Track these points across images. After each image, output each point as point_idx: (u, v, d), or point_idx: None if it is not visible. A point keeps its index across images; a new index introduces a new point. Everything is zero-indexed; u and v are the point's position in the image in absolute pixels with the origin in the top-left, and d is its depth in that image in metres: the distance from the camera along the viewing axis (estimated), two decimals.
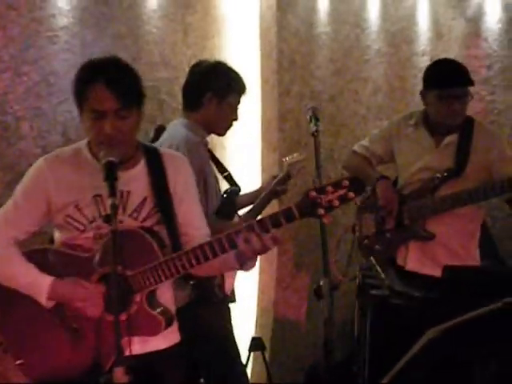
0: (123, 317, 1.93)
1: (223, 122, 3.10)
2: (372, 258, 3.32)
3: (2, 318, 2.08)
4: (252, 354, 3.95)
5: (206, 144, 3.11)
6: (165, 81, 3.81)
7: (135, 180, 2.10)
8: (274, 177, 3.47)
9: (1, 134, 3.22)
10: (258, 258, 2.05)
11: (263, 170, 4.49)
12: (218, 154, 4.40)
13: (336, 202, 1.88)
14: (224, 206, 3.13)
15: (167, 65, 3.81)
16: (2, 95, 3.18)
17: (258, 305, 4.42)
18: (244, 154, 4.44)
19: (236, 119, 3.15)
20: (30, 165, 2.26)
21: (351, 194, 1.89)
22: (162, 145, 2.90)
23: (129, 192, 2.08)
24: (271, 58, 4.33)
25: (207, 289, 2.91)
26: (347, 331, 4.00)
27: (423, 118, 3.34)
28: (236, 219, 3.23)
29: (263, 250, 1.93)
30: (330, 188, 1.89)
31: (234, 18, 4.20)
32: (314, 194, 1.89)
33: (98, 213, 2.03)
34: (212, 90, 3.01)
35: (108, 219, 1.85)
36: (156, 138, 3.13)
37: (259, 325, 4.40)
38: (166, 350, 2.14)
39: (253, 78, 4.40)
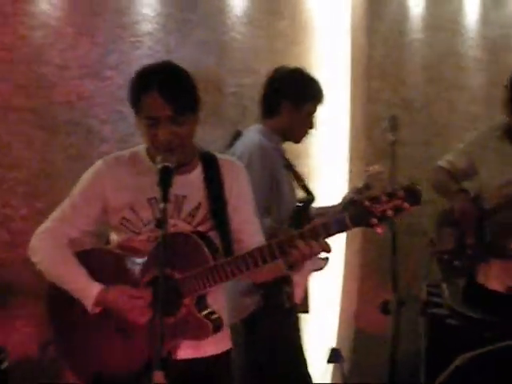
0: (171, 320, 1.91)
1: (299, 130, 3.05)
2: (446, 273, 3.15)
3: (52, 317, 2.12)
4: (331, 365, 3.88)
5: (280, 151, 3.06)
6: (248, 87, 3.80)
7: (191, 185, 2.08)
8: (357, 188, 3.38)
9: (85, 136, 3.33)
10: (342, 266, 1.97)
11: (350, 179, 4.39)
12: (302, 163, 4.40)
13: (390, 213, 1.79)
14: (296, 215, 3.08)
15: (251, 71, 3.79)
16: (86, 99, 3.29)
17: (339, 315, 4.33)
18: (330, 162, 4.37)
19: (312, 128, 3.08)
20: None
21: (406, 205, 1.79)
22: (236, 150, 2.92)
23: (184, 196, 2.06)
24: (361, 65, 4.23)
25: (276, 297, 2.85)
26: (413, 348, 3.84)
27: (508, 129, 3.14)
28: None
29: (312, 256, 1.88)
30: (384, 197, 1.80)
31: (322, 24, 4.14)
32: (367, 203, 1.81)
33: (153, 216, 2.02)
34: (288, 98, 2.96)
35: (159, 224, 1.84)
36: (232, 143, 3.13)
37: (339, 336, 4.30)
38: (217, 356, 2.10)
39: (341, 84, 4.33)
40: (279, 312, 2.89)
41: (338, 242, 4.26)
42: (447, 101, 4.79)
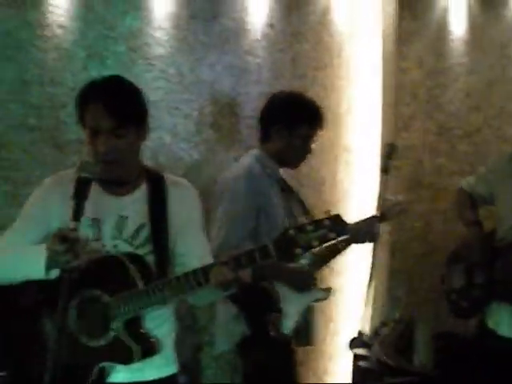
0: (99, 343, 1.89)
1: (293, 154, 2.96)
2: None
3: None
4: None
5: (276, 175, 2.98)
6: None
7: (133, 205, 2.05)
8: (370, 218, 3.24)
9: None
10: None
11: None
12: (330, 189, 4.29)
13: (315, 243, 1.72)
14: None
15: (269, 95, 3.73)
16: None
17: None
18: (360, 190, 4.24)
19: (309, 152, 2.98)
20: None
21: (331, 235, 1.71)
22: (228, 171, 2.96)
23: (126, 217, 2.03)
24: (390, 91, 4.09)
25: (260, 326, 2.80)
26: None
27: None
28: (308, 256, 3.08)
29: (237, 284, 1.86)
30: (309, 227, 1.72)
31: (350, 47, 4.04)
32: (292, 232, 1.73)
33: (93, 235, 2.00)
34: (280, 122, 2.91)
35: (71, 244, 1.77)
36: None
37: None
38: (160, 380, 2.04)
39: (373, 111, 4.21)
40: (265, 341, 2.81)
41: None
42: (495, 128, 4.55)
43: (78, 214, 1.81)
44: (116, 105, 1.96)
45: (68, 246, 1.78)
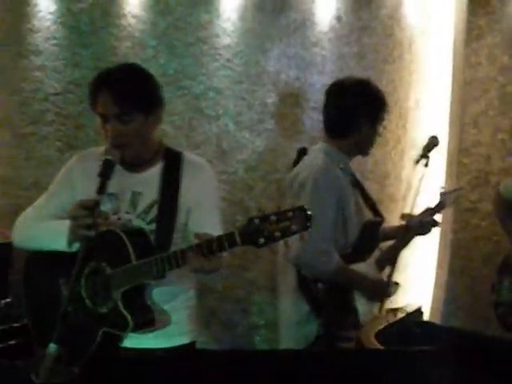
0: (103, 309, 2.01)
1: (371, 143, 2.85)
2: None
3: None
4: None
5: (347, 170, 2.86)
6: None
7: (147, 182, 2.13)
8: (430, 209, 3.21)
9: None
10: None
11: None
12: (395, 184, 4.27)
13: (277, 234, 1.70)
14: (363, 237, 2.94)
15: None
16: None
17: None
18: (426, 186, 4.20)
19: (379, 136, 2.86)
20: None
21: (294, 228, 1.69)
22: (300, 170, 2.80)
23: (140, 193, 2.13)
24: (460, 87, 4.03)
25: (338, 328, 2.70)
26: None
27: None
28: (377, 252, 3.04)
29: (213, 270, 1.90)
30: (273, 217, 1.71)
31: (421, 41, 4.02)
32: (257, 221, 1.73)
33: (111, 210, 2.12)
34: (365, 114, 2.75)
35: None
36: (297, 160, 3.04)
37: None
38: (166, 349, 2.13)
39: (441, 106, 4.16)
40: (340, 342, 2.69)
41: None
42: None
43: (100, 190, 1.95)
44: (120, 92, 2.03)
45: (88, 212, 1.92)
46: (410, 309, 2.62)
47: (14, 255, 2.99)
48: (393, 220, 3.34)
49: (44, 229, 2.13)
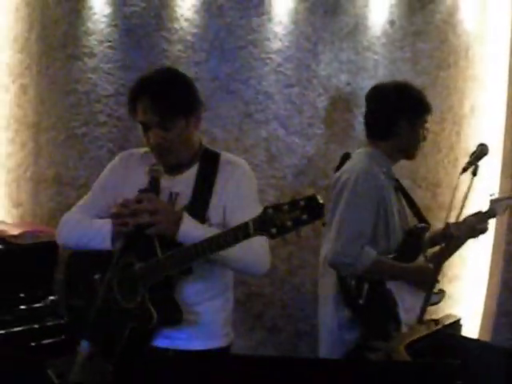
0: (129, 305, 2.02)
1: (415, 146, 2.84)
2: None
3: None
4: None
5: (391, 174, 2.87)
6: None
7: (184, 183, 2.15)
8: (480, 213, 3.13)
9: (209, 143, 3.51)
10: None
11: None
12: (447, 192, 4.17)
13: (289, 223, 1.67)
14: (407, 242, 2.90)
15: None
16: (214, 109, 3.51)
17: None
18: (479, 195, 4.10)
19: (425, 140, 2.86)
20: None
21: (305, 217, 1.65)
22: (342, 173, 2.80)
23: (177, 194, 2.15)
24: None
25: (379, 327, 2.67)
26: None
27: None
28: (421, 259, 2.99)
29: None
30: (285, 207, 1.68)
31: (477, 48, 3.93)
32: (270, 211, 1.71)
33: None
34: (405, 117, 2.77)
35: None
36: (340, 165, 3.03)
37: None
38: (198, 352, 2.12)
39: (497, 114, 4.07)
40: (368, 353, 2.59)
41: None
42: None
43: (143, 190, 2.03)
44: (160, 100, 2.04)
45: (130, 211, 1.99)
46: (449, 321, 2.56)
47: (59, 254, 3.06)
48: None
49: (87, 228, 2.16)
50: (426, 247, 3.03)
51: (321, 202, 1.67)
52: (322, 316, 2.85)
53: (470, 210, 4.05)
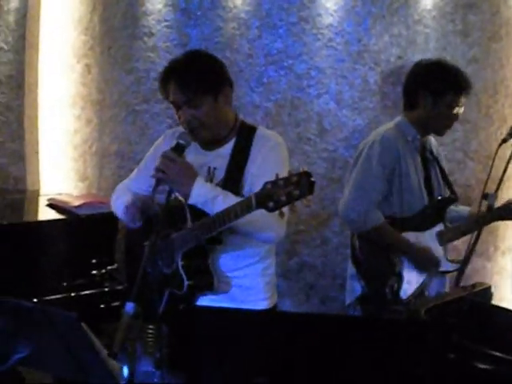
0: (167, 271, 2.21)
1: (439, 121, 3.03)
2: None
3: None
4: None
5: (416, 144, 3.05)
6: None
7: (221, 158, 2.29)
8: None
9: (263, 117, 3.68)
10: None
11: None
12: (499, 166, 4.15)
13: (283, 198, 1.77)
14: (430, 208, 3.06)
15: None
16: (267, 84, 3.63)
17: None
18: None
19: (455, 119, 3.03)
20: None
21: (296, 192, 1.74)
22: (368, 139, 3.07)
23: (215, 168, 2.29)
24: None
25: (377, 287, 2.93)
26: None
27: None
28: (439, 228, 3.10)
29: None
30: (281, 182, 1.78)
31: None
32: (269, 185, 1.81)
33: None
34: (427, 89, 2.97)
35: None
36: None
37: None
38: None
39: None
40: (381, 302, 2.93)
41: None
42: None
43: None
44: (185, 81, 2.19)
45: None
46: (480, 288, 2.63)
47: (119, 224, 3.25)
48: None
49: (118, 202, 2.42)
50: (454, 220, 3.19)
51: (312, 179, 1.75)
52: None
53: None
